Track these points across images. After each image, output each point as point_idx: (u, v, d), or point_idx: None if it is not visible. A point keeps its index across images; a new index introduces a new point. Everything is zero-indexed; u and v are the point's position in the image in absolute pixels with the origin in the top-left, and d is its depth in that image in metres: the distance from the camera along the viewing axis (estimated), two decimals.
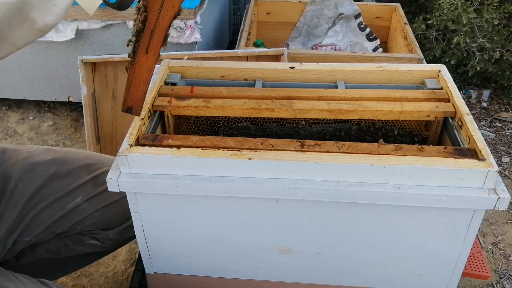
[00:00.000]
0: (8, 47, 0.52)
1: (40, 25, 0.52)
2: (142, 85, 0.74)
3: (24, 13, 0.50)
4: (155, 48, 0.72)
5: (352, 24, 1.95)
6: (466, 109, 0.85)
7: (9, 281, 0.78)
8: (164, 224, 0.85)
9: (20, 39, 0.52)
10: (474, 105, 2.08)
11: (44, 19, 0.52)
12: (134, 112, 0.76)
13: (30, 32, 0.52)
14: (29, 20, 0.50)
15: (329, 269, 0.89)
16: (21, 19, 0.50)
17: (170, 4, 0.68)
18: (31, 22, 0.51)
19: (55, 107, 2.02)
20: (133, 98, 0.74)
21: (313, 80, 0.97)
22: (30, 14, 0.50)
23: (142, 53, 0.71)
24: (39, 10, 0.50)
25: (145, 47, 0.71)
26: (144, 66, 0.72)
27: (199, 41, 1.57)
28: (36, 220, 0.89)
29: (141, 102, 0.75)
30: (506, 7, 1.90)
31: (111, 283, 1.31)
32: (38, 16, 0.51)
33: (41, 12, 0.51)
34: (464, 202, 0.74)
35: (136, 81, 0.73)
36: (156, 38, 0.71)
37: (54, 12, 0.52)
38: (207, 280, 0.94)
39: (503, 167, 1.74)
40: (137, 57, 0.72)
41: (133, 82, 0.73)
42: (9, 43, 0.52)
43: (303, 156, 0.75)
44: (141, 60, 0.72)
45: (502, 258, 1.41)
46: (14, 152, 0.92)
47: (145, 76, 0.73)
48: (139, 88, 0.74)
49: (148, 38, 0.71)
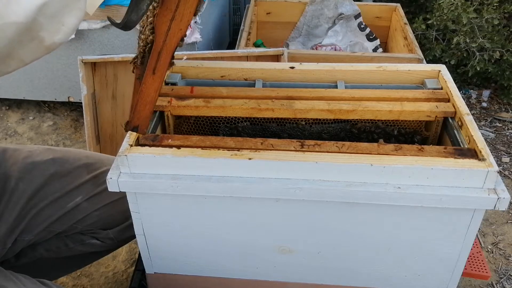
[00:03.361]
0: (16, 63, 0.53)
1: (49, 43, 0.53)
2: (148, 105, 0.75)
3: (33, 32, 0.51)
4: (162, 70, 0.73)
5: (352, 24, 1.95)
6: (466, 109, 0.85)
7: (9, 281, 0.78)
8: (164, 224, 0.85)
9: (28, 56, 0.53)
10: (474, 105, 2.09)
11: (52, 38, 0.53)
12: (140, 131, 0.77)
13: (38, 49, 0.53)
14: (38, 38, 0.51)
15: (329, 269, 0.89)
16: (30, 37, 0.51)
17: (177, 27, 0.69)
18: (40, 41, 0.52)
19: (55, 107, 2.02)
20: (140, 117, 0.75)
21: (313, 80, 0.97)
22: (39, 33, 0.51)
23: (149, 74, 0.73)
24: (48, 30, 0.52)
25: (152, 68, 0.72)
26: (151, 87, 0.74)
27: (199, 41, 1.57)
28: (36, 219, 0.89)
29: (147, 121, 0.76)
30: (506, 7, 1.90)
31: (111, 283, 1.31)
32: (47, 35, 0.52)
33: (50, 31, 0.52)
34: (464, 202, 0.74)
35: (143, 101, 0.74)
36: (163, 60, 0.72)
37: (62, 31, 0.53)
38: (207, 280, 0.94)
39: (503, 167, 1.74)
40: (144, 77, 0.73)
41: (139, 102, 0.74)
42: (18, 60, 0.53)
43: (303, 156, 0.75)
44: (148, 81, 0.73)
45: (502, 258, 1.41)
46: (14, 151, 0.92)
47: (152, 96, 0.74)
48: (145, 108, 0.75)
49: (155, 60, 0.72)
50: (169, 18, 0.70)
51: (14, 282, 0.78)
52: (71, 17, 0.53)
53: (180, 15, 0.70)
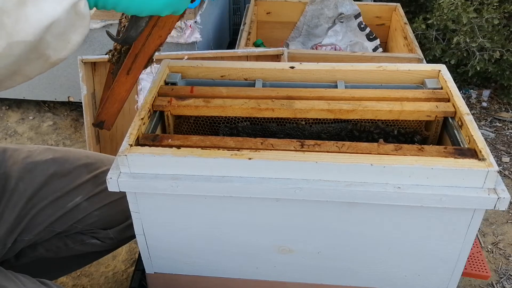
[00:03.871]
0: (21, 78, 0.55)
1: (54, 60, 0.54)
2: (117, 103, 0.76)
3: (40, 50, 0.52)
4: (136, 71, 0.74)
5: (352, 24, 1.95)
6: (466, 109, 0.85)
7: (9, 280, 0.78)
8: (164, 224, 0.85)
9: (33, 71, 0.55)
10: (474, 105, 2.09)
11: (58, 55, 0.54)
12: (105, 127, 0.79)
13: (43, 65, 0.55)
14: (44, 56, 0.53)
15: (329, 269, 0.89)
16: (37, 55, 0.52)
17: (158, 34, 0.70)
18: (46, 58, 0.53)
19: (55, 107, 2.02)
20: (107, 113, 0.77)
21: (313, 80, 0.97)
22: (46, 51, 0.52)
23: (123, 73, 0.74)
24: (54, 48, 0.53)
25: (127, 69, 0.73)
26: (122, 86, 0.75)
27: (199, 41, 1.57)
28: (36, 219, 0.89)
29: (113, 119, 0.78)
30: (506, 7, 1.91)
31: (111, 283, 1.31)
32: (53, 53, 0.53)
33: (56, 49, 0.53)
34: (464, 202, 0.74)
35: (113, 98, 0.76)
36: (139, 63, 0.73)
37: (68, 48, 0.55)
38: (207, 280, 0.94)
39: (503, 167, 1.74)
40: (118, 76, 0.74)
41: (109, 99, 0.76)
42: (23, 75, 0.54)
43: (303, 156, 0.75)
44: (121, 80, 0.74)
45: (502, 258, 1.41)
46: (14, 151, 0.92)
47: (122, 95, 0.76)
48: (114, 106, 0.76)
49: (131, 61, 0.73)
50: (151, 24, 0.71)
51: (14, 282, 0.78)
52: (76, 35, 0.54)
53: (162, 22, 0.72)
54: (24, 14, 0.48)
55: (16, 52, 0.50)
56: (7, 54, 0.49)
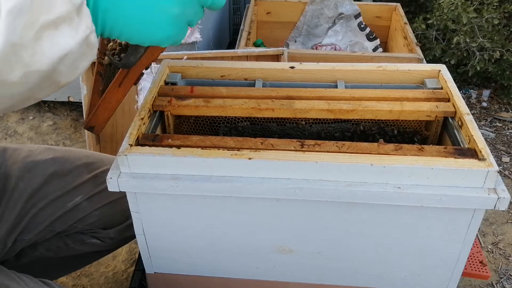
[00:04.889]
0: (32, 101, 0.58)
1: (63, 83, 0.58)
2: (108, 111, 0.79)
3: (52, 78, 0.55)
4: (127, 85, 0.77)
5: (352, 23, 1.95)
6: (466, 109, 0.85)
7: (11, 280, 0.78)
8: (164, 224, 0.85)
9: (44, 95, 0.58)
10: (474, 105, 2.09)
11: (67, 79, 0.57)
12: (95, 132, 0.82)
13: (54, 89, 0.58)
14: (56, 82, 0.56)
15: (329, 269, 0.89)
16: (49, 82, 0.55)
17: (150, 53, 0.73)
18: (57, 83, 0.57)
19: (55, 107, 2.02)
20: (97, 120, 0.80)
21: (313, 80, 0.97)
22: (57, 78, 0.56)
23: (115, 86, 0.77)
24: (65, 75, 0.56)
25: (119, 82, 0.76)
26: (113, 97, 0.78)
27: (199, 40, 1.57)
28: (36, 218, 0.89)
29: (103, 125, 0.81)
30: (506, 6, 1.91)
31: (111, 283, 1.31)
32: (63, 79, 0.57)
33: (66, 76, 0.56)
34: (464, 202, 0.74)
35: (104, 106, 0.79)
36: (130, 78, 0.76)
37: (77, 73, 0.58)
38: (207, 280, 0.94)
39: (503, 167, 1.74)
40: (110, 86, 0.77)
41: (101, 106, 0.79)
42: (34, 99, 0.58)
43: (303, 156, 0.75)
44: (112, 91, 0.77)
45: (502, 258, 1.41)
46: (14, 151, 0.92)
47: (113, 104, 0.79)
48: (105, 113, 0.79)
49: (123, 76, 0.76)
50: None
51: (16, 281, 0.78)
52: (85, 61, 0.58)
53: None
54: (40, 48, 0.51)
55: (31, 80, 0.52)
56: (23, 82, 0.52)
